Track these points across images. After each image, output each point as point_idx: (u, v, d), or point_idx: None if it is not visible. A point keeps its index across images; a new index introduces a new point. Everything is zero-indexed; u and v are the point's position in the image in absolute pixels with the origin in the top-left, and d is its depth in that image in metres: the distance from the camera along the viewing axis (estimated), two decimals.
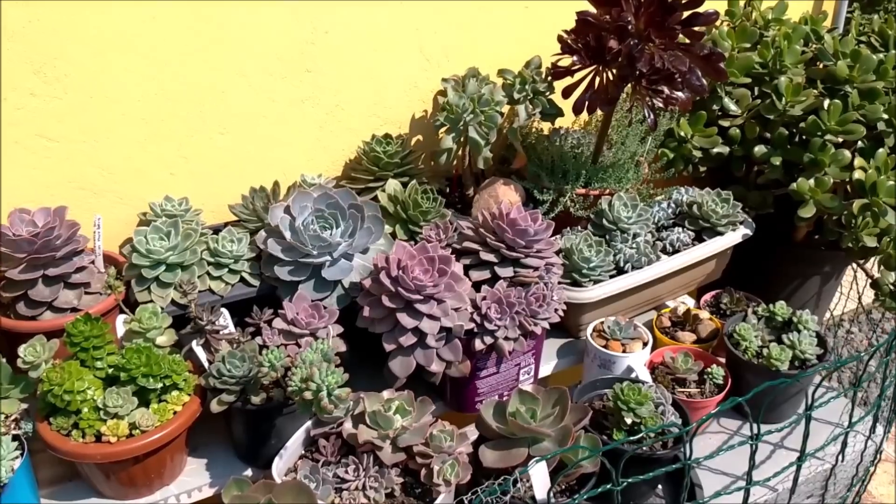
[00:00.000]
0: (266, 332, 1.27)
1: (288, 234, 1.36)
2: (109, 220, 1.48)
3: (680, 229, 1.64)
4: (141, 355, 1.17)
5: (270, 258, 1.36)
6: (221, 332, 1.27)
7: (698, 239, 1.65)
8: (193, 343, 1.24)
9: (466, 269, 1.39)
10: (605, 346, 1.46)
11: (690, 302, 1.73)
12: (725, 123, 1.78)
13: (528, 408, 1.19)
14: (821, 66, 1.81)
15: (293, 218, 1.37)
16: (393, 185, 1.56)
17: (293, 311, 1.30)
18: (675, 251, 1.61)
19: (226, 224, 1.53)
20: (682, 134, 1.81)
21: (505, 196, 1.63)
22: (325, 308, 1.32)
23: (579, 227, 1.66)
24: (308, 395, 1.07)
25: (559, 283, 1.48)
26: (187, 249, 1.36)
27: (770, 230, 1.82)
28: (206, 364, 1.25)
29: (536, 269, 1.37)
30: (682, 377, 1.44)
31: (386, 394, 1.22)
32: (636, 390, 1.26)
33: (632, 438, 1.21)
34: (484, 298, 1.32)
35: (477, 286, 1.37)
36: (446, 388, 1.42)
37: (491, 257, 1.37)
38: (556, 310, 1.38)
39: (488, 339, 1.31)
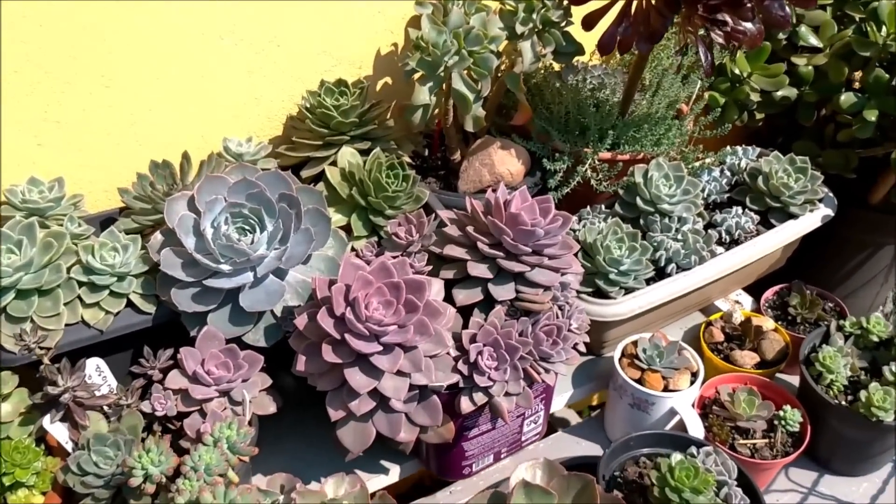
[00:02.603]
0: (156, 394, 0.88)
1: (190, 242, 0.94)
2: None
3: (739, 210, 1.21)
4: None
5: (166, 277, 0.95)
6: (92, 397, 0.87)
7: (763, 222, 1.23)
8: (46, 419, 0.84)
9: (449, 284, 0.98)
10: (640, 381, 1.07)
11: (747, 301, 1.32)
12: (800, 60, 1.33)
13: None
14: None
15: (198, 216, 0.95)
16: (348, 154, 1.13)
17: (195, 361, 0.90)
18: (734, 241, 1.19)
19: (122, 210, 1.12)
20: (738, 72, 1.36)
21: (503, 164, 1.21)
22: (243, 354, 0.92)
23: (603, 206, 1.24)
24: None
25: (577, 292, 1.08)
26: (48, 266, 0.94)
27: (844, 190, 1.39)
28: (67, 446, 0.86)
29: (548, 287, 0.96)
30: (745, 426, 1.05)
31: (330, 486, 0.84)
32: (691, 472, 0.88)
33: None
34: (473, 339, 0.91)
35: (465, 311, 0.97)
36: (422, 445, 1.03)
37: (483, 271, 0.95)
38: (576, 344, 0.98)
39: (480, 398, 0.91)
